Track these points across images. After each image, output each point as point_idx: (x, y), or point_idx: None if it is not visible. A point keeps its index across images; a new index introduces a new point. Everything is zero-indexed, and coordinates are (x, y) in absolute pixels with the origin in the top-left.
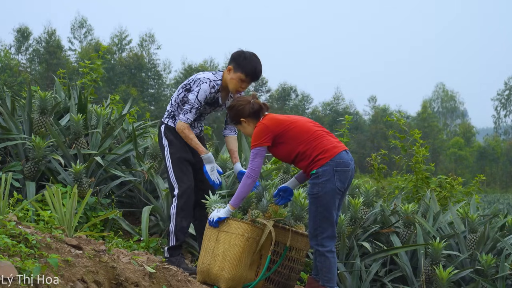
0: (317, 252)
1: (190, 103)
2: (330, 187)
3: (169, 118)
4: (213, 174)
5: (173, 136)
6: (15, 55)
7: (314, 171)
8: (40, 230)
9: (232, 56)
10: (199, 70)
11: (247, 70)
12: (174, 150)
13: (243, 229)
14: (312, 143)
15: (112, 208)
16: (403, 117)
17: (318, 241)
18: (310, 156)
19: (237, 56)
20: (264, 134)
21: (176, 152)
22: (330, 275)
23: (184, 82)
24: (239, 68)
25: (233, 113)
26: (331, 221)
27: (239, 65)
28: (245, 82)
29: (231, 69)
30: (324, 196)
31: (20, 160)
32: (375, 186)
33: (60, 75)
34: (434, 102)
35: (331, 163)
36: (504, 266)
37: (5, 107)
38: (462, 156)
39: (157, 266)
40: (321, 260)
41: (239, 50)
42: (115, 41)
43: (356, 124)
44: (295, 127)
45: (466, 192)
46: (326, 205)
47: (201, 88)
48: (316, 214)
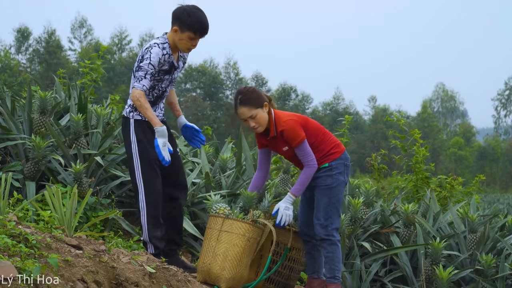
0: (327, 241)
1: (143, 69)
2: (341, 180)
3: (133, 112)
4: (164, 150)
5: (143, 133)
6: (15, 55)
7: (327, 164)
8: (40, 230)
9: (174, 16)
10: (199, 70)
11: (195, 28)
12: (143, 150)
13: (244, 229)
14: (325, 137)
15: (112, 208)
16: (403, 117)
17: (328, 231)
18: (323, 150)
19: (180, 15)
20: (299, 128)
21: (146, 151)
22: (339, 265)
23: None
24: (185, 27)
25: (256, 95)
26: (339, 213)
27: (184, 23)
28: (195, 39)
29: (177, 30)
30: (337, 187)
31: (20, 160)
32: (375, 186)
33: (60, 75)
34: (434, 102)
35: (343, 157)
36: (504, 266)
37: (5, 107)
38: (462, 156)
39: (157, 266)
40: (331, 249)
41: (179, 6)
42: (115, 41)
43: (356, 124)
44: (311, 122)
45: (466, 192)
46: (337, 196)
47: (152, 52)
48: (329, 205)
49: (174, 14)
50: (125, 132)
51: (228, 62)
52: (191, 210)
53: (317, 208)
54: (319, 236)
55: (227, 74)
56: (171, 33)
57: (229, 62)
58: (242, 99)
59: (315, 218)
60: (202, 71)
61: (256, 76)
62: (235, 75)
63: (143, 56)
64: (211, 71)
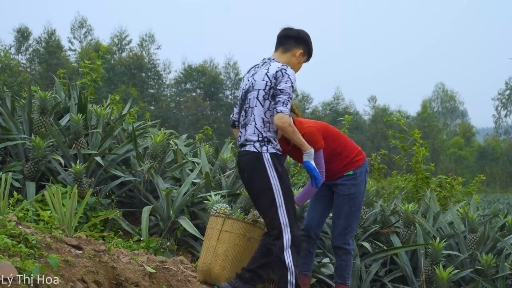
0: (342, 250)
1: (285, 92)
2: (363, 188)
3: (265, 144)
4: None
5: (281, 167)
6: (15, 55)
7: (351, 172)
8: (40, 230)
9: (302, 39)
10: (199, 70)
11: (310, 55)
12: (285, 186)
13: (245, 229)
14: (347, 144)
15: (112, 208)
16: (403, 117)
17: (345, 240)
18: (347, 157)
19: (308, 39)
20: (319, 136)
21: (287, 188)
22: (350, 272)
23: (256, 88)
24: (307, 53)
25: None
26: (359, 220)
27: (309, 49)
28: None
29: (302, 53)
30: (359, 196)
31: (20, 160)
32: (375, 186)
33: (60, 75)
34: (434, 102)
35: (365, 164)
36: (504, 266)
37: (5, 107)
38: (462, 156)
39: (157, 266)
40: (346, 258)
41: (304, 30)
42: (115, 41)
43: (356, 124)
44: (331, 129)
45: (466, 192)
46: (358, 205)
47: (290, 74)
48: (349, 214)
49: (302, 37)
50: (260, 165)
51: (228, 62)
52: (191, 210)
53: (337, 216)
54: (335, 244)
55: (227, 74)
56: (289, 55)
57: (229, 62)
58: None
59: (334, 225)
60: (202, 71)
61: None
62: (235, 75)
63: (277, 80)
64: (211, 71)
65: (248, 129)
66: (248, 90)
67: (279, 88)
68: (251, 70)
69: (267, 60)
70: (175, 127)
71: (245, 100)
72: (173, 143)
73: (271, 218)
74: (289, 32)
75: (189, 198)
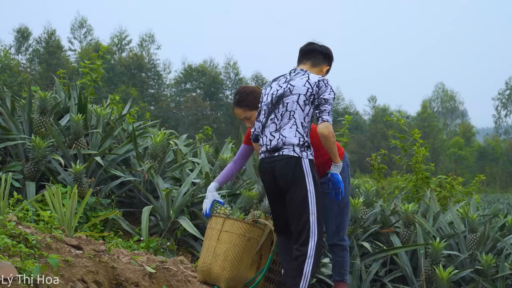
0: (338, 247)
1: (330, 102)
2: (348, 182)
3: (305, 150)
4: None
5: (317, 173)
6: (15, 55)
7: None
8: (40, 230)
9: (327, 55)
10: (199, 70)
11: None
12: (318, 194)
13: (245, 229)
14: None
15: (112, 208)
16: (403, 117)
17: (340, 237)
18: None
19: (332, 56)
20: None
21: (319, 195)
22: (347, 268)
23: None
24: (328, 71)
25: (253, 97)
26: (349, 215)
27: (331, 67)
28: None
29: (328, 70)
30: (345, 192)
31: (20, 160)
32: (375, 186)
33: (60, 75)
34: (434, 102)
35: (345, 159)
36: (504, 266)
37: (5, 107)
38: (462, 156)
39: (157, 266)
40: (342, 254)
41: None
42: (115, 41)
43: (356, 124)
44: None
45: (466, 192)
46: (346, 200)
47: (332, 86)
48: (339, 211)
49: (329, 55)
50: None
51: (228, 62)
52: (191, 210)
53: (328, 216)
54: (330, 242)
55: (227, 74)
56: (317, 70)
57: (229, 62)
58: (239, 100)
59: (326, 225)
60: (202, 71)
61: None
62: (235, 75)
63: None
64: (211, 71)
65: (285, 133)
66: (284, 94)
67: (323, 98)
68: (280, 78)
69: (300, 71)
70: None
71: (276, 104)
72: (173, 143)
73: (302, 225)
74: (318, 47)
75: (189, 198)
